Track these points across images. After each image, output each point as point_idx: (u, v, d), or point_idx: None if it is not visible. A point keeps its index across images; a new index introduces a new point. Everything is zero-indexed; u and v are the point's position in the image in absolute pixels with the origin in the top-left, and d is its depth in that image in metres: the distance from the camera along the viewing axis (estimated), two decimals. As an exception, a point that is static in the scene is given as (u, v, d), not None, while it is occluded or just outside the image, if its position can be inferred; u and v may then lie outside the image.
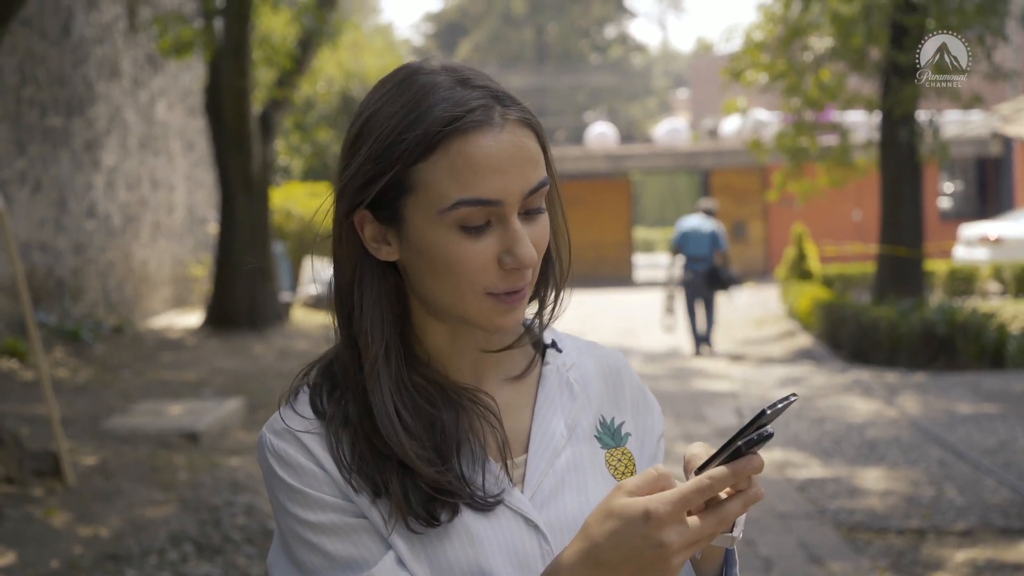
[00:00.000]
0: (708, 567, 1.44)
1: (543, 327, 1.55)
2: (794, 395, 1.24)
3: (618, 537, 1.24)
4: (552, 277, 1.52)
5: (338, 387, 1.47)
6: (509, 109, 1.37)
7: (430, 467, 1.38)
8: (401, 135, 1.36)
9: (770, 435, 1.22)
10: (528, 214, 1.39)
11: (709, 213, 14.49)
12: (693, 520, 1.23)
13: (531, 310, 1.53)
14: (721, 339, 15.40)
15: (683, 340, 15.35)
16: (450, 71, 1.39)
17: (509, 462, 1.45)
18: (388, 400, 1.41)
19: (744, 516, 1.34)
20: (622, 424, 1.55)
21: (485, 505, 1.41)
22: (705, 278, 14.06)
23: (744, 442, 1.22)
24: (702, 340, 14.31)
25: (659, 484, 1.25)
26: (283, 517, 1.41)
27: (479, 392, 1.47)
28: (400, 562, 1.38)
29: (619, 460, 1.52)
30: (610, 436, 1.54)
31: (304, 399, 1.47)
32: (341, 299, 1.51)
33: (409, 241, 1.40)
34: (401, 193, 1.38)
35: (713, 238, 14.11)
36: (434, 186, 1.35)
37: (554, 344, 1.58)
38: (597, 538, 1.26)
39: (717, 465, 1.24)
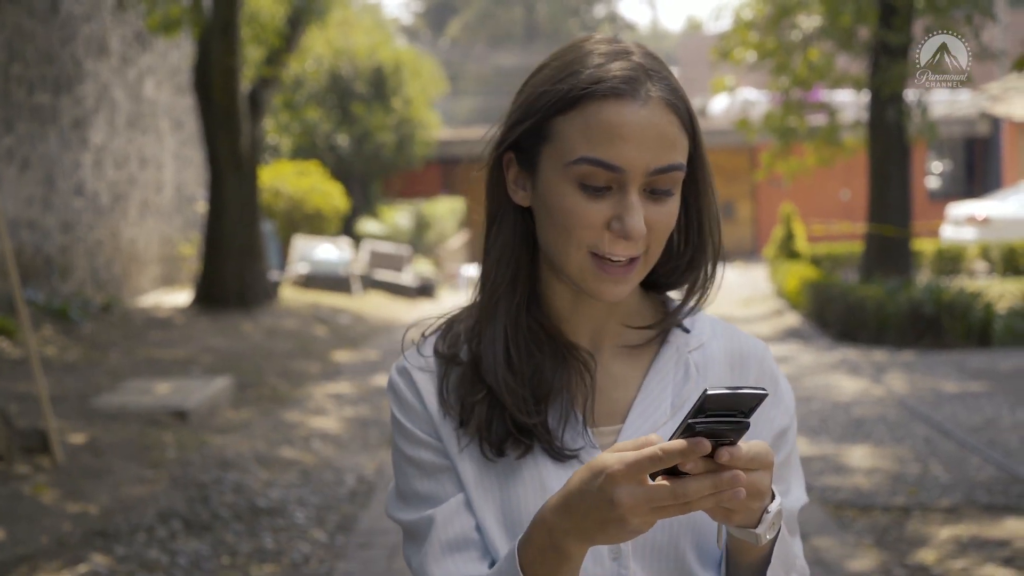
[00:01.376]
0: (744, 562, 1.44)
1: (686, 313, 1.59)
2: (763, 390, 1.24)
3: (583, 487, 1.28)
4: (700, 265, 1.55)
5: (463, 331, 1.56)
6: (657, 88, 1.42)
7: (516, 404, 1.47)
8: (551, 88, 1.45)
9: (738, 423, 1.23)
10: (654, 193, 1.43)
11: None
12: (649, 484, 1.24)
13: (676, 295, 1.61)
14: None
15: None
16: (615, 44, 1.47)
17: (598, 429, 1.51)
18: (499, 334, 1.50)
19: (775, 517, 1.35)
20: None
21: (560, 455, 1.47)
22: None
23: (702, 423, 1.22)
24: None
25: (642, 445, 1.27)
26: (393, 444, 1.57)
27: (584, 351, 1.53)
28: (467, 505, 1.49)
29: None
30: None
31: (431, 340, 1.58)
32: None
33: (538, 188, 1.48)
34: (540, 141, 1.46)
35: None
36: (566, 139, 1.43)
37: (680, 323, 1.59)
38: (571, 486, 1.30)
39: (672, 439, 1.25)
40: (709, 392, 1.21)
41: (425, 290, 19.17)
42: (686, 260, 1.55)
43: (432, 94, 26.89)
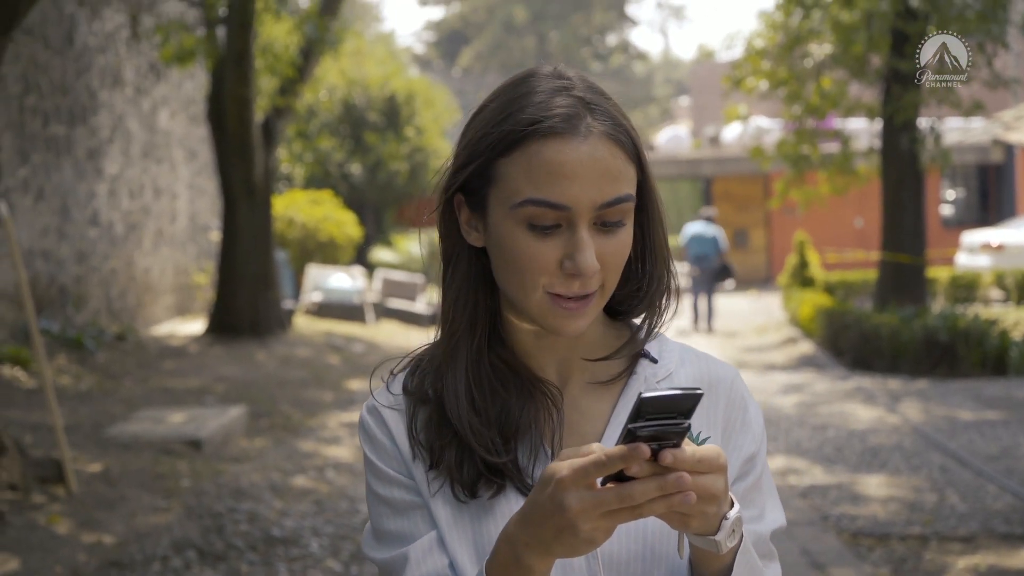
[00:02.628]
0: (708, 573, 1.43)
1: (645, 340, 1.58)
2: (698, 390, 1.24)
3: (536, 496, 1.29)
4: (656, 291, 1.55)
5: (430, 369, 1.56)
6: (598, 122, 1.42)
7: (483, 446, 1.47)
8: (492, 129, 1.45)
9: (678, 424, 1.23)
10: (605, 225, 1.43)
11: (710, 220, 18.05)
12: (597, 489, 1.25)
13: (637, 320, 1.60)
14: (724, 348, 15.44)
15: (685, 322, 17.82)
16: (555, 80, 1.46)
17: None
18: (460, 376, 1.50)
19: (734, 524, 1.34)
20: (707, 440, 1.53)
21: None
22: (713, 273, 17.40)
23: (641, 427, 1.23)
24: (702, 321, 17.62)
25: (586, 452, 1.27)
26: (367, 483, 1.57)
27: (550, 385, 1.53)
28: (440, 542, 1.49)
29: None
30: None
31: (400, 379, 1.59)
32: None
33: (489, 230, 1.48)
34: (486, 183, 1.46)
35: (715, 241, 17.56)
36: (511, 181, 1.43)
37: (647, 354, 1.59)
38: (530, 497, 1.31)
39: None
40: (644, 396, 1.22)
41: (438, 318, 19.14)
42: (643, 287, 1.55)
43: (445, 123, 26.98)
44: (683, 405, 1.24)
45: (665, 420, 1.23)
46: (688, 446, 1.26)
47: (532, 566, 1.33)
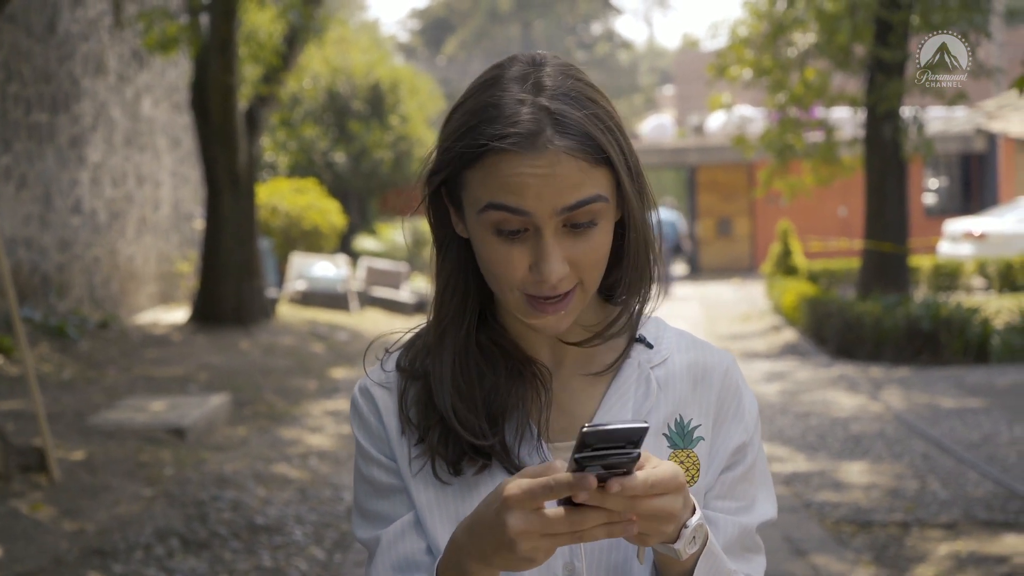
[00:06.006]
0: (670, 574, 1.43)
1: (627, 324, 1.57)
2: (645, 422, 1.26)
3: (485, 508, 1.31)
4: (636, 277, 1.54)
5: (422, 347, 1.58)
6: (559, 135, 1.40)
7: (469, 430, 1.49)
8: (455, 143, 1.45)
9: (627, 454, 1.24)
10: (576, 227, 1.43)
11: (671, 207, 23.57)
12: (543, 512, 1.26)
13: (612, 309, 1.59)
14: (706, 335, 15.47)
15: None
16: (527, 81, 1.44)
17: (554, 445, 1.52)
18: (447, 362, 1.51)
19: (694, 531, 1.35)
20: (697, 427, 1.55)
21: (517, 471, 1.45)
22: (668, 252, 20.25)
23: (587, 457, 1.23)
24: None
25: (544, 473, 1.28)
26: (354, 462, 1.60)
27: (540, 365, 1.54)
28: (416, 525, 1.51)
29: (682, 462, 1.53)
30: (680, 436, 1.54)
31: (394, 356, 1.61)
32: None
33: (467, 230, 1.49)
34: (458, 187, 1.48)
35: (672, 225, 21.72)
36: (475, 190, 1.44)
37: (643, 339, 1.59)
38: (479, 507, 1.33)
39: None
40: (585, 430, 1.23)
41: (422, 307, 19.15)
42: (625, 274, 1.54)
43: (429, 111, 26.93)
44: (631, 436, 1.24)
45: (612, 450, 1.24)
46: (642, 471, 1.27)
47: (474, 573, 1.34)
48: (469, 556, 1.33)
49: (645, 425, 1.24)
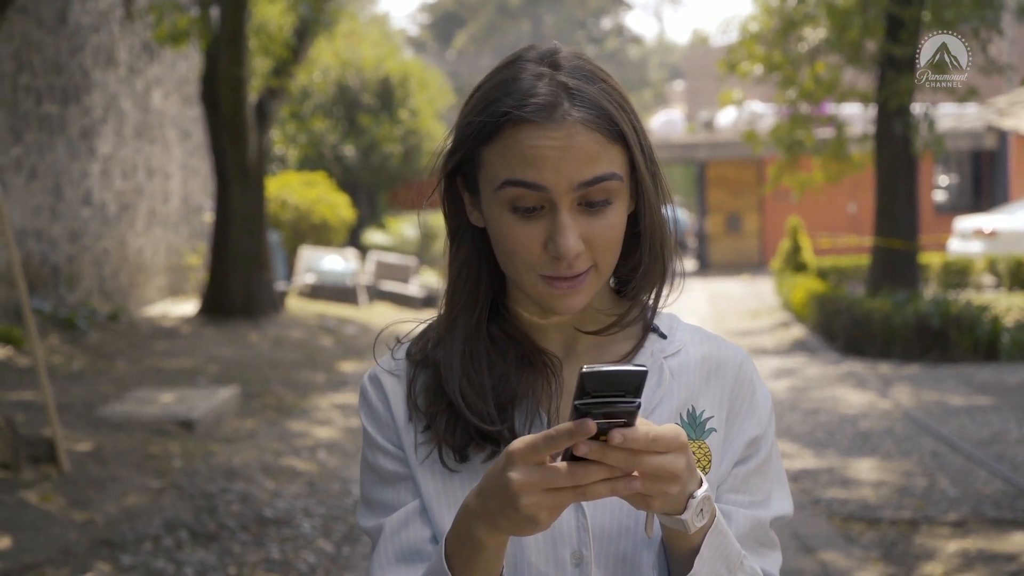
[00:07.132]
0: (677, 553, 1.43)
1: (642, 315, 1.58)
2: (644, 366, 1.24)
3: (491, 469, 1.30)
4: (651, 268, 1.55)
5: (434, 337, 1.58)
6: (576, 108, 1.42)
7: (478, 415, 1.49)
8: (474, 118, 1.47)
9: (628, 403, 1.22)
10: (591, 205, 1.44)
11: (676, 204, 22.09)
12: (544, 465, 1.25)
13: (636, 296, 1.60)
14: (715, 330, 15.46)
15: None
16: (543, 63, 1.47)
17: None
18: (457, 348, 1.52)
19: (701, 503, 1.34)
20: (710, 418, 1.54)
21: None
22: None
23: (587, 404, 1.22)
24: None
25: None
26: (362, 450, 1.60)
27: (551, 355, 1.55)
28: (421, 514, 1.51)
29: (694, 452, 1.50)
30: (692, 426, 1.54)
31: (405, 346, 1.61)
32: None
33: (483, 213, 1.50)
34: (474, 168, 1.49)
35: (674, 221, 20.44)
36: (492, 166, 1.46)
37: (657, 329, 1.60)
38: (487, 471, 1.32)
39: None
40: (584, 370, 1.21)
41: (431, 301, 19.16)
42: (641, 264, 1.55)
43: (438, 105, 26.93)
44: (629, 382, 1.23)
45: (612, 397, 1.22)
46: (643, 425, 1.26)
47: (482, 539, 1.33)
48: (477, 519, 1.32)
49: (644, 369, 1.23)
